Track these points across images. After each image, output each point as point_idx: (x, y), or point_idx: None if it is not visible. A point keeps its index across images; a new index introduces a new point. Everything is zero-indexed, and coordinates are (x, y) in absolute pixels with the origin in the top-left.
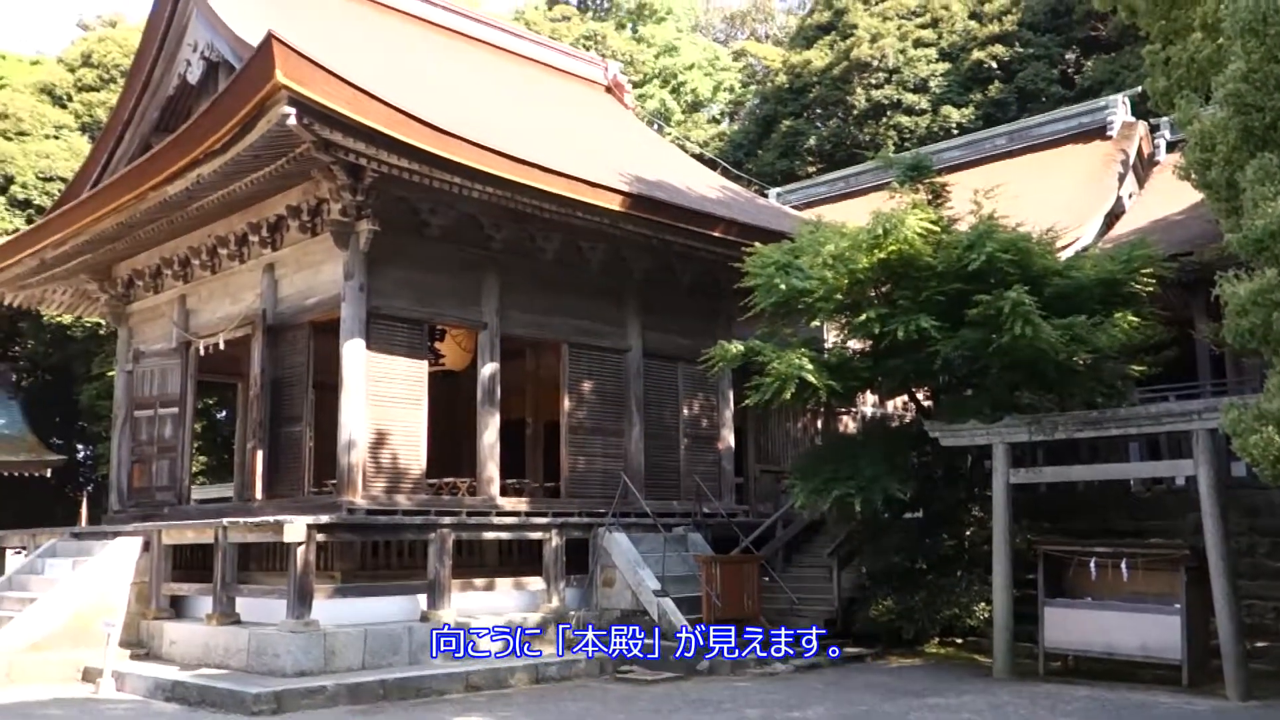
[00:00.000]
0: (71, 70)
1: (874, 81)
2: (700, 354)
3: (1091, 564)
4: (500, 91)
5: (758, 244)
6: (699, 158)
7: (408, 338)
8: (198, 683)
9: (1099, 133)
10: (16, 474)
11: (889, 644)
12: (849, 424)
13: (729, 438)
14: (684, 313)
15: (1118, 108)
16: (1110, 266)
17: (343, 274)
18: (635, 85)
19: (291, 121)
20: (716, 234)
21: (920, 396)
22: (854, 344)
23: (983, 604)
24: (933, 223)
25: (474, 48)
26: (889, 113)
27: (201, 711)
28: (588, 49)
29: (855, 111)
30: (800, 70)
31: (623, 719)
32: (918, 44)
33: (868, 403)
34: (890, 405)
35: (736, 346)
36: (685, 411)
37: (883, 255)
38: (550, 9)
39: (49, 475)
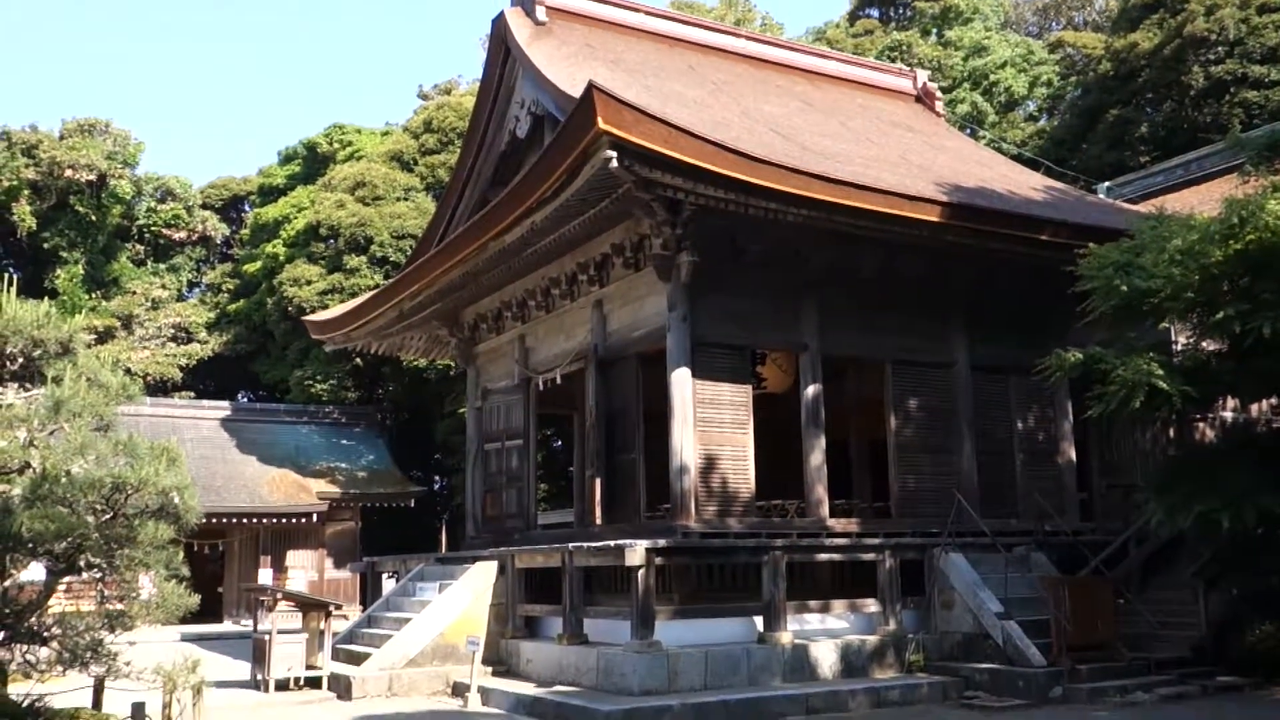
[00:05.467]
0: (415, 137)
1: (1212, 57)
2: (1032, 365)
3: None
4: (810, 112)
5: (1091, 244)
6: (1018, 158)
7: (731, 364)
8: (554, 699)
9: None
10: (385, 505)
11: (1270, 674)
12: (1206, 432)
13: (1069, 451)
14: (1012, 323)
15: None
16: None
17: (666, 305)
18: (945, 91)
19: (614, 164)
20: (1044, 237)
21: None
22: (1209, 344)
23: None
24: None
25: (779, 73)
26: (1233, 89)
27: None
28: (893, 60)
29: (1192, 92)
30: (1126, 55)
31: None
32: (1262, 10)
33: (1228, 408)
34: (1255, 409)
35: (1074, 355)
36: (1019, 425)
37: (1239, 246)
38: (852, 25)
39: (412, 505)
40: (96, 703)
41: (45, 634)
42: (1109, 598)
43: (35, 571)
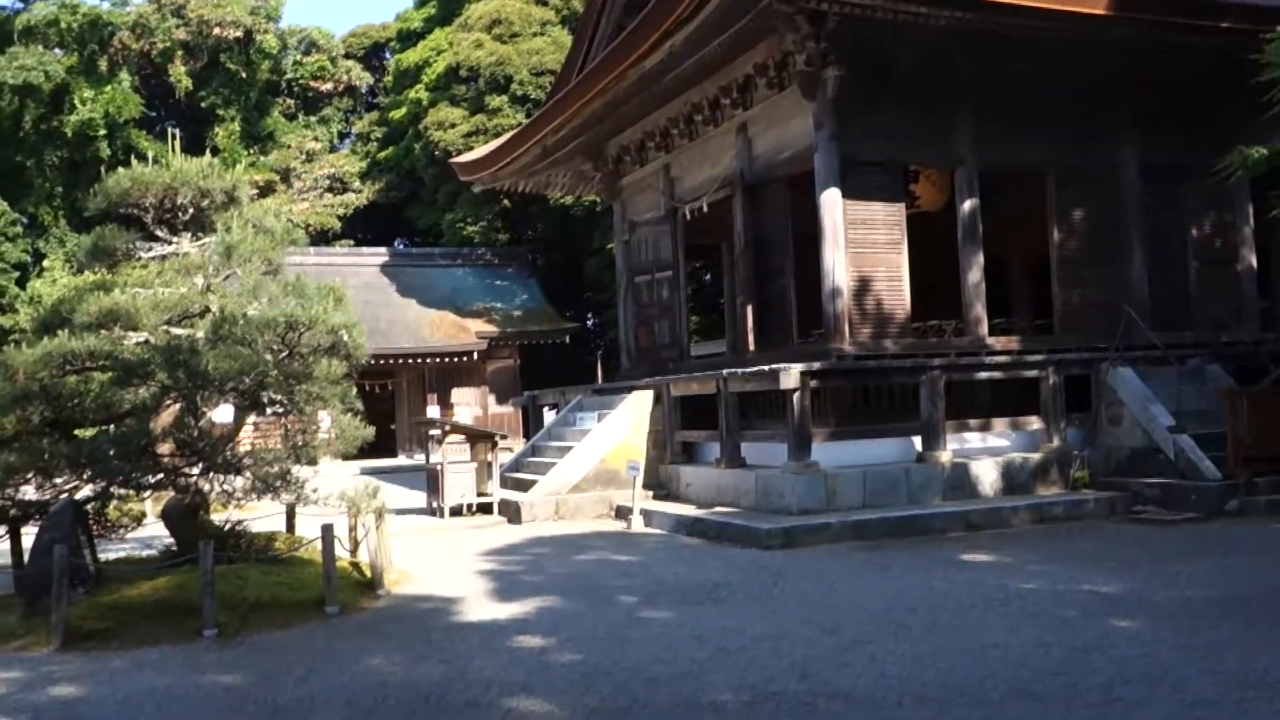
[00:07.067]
0: None
1: None
2: (1209, 165)
3: None
4: None
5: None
6: None
7: (882, 182)
8: (715, 520)
9: None
10: (541, 342)
11: None
12: None
13: (1249, 258)
14: (1184, 122)
15: None
16: None
17: (813, 125)
18: None
19: None
20: (1224, 25)
21: None
22: None
23: None
24: None
25: None
26: None
27: (721, 545)
28: None
29: None
30: None
31: (1146, 559)
32: None
33: None
34: None
35: (1258, 151)
36: (1193, 232)
37: None
38: None
39: (567, 341)
40: (289, 527)
41: (238, 465)
42: None
43: (225, 414)
